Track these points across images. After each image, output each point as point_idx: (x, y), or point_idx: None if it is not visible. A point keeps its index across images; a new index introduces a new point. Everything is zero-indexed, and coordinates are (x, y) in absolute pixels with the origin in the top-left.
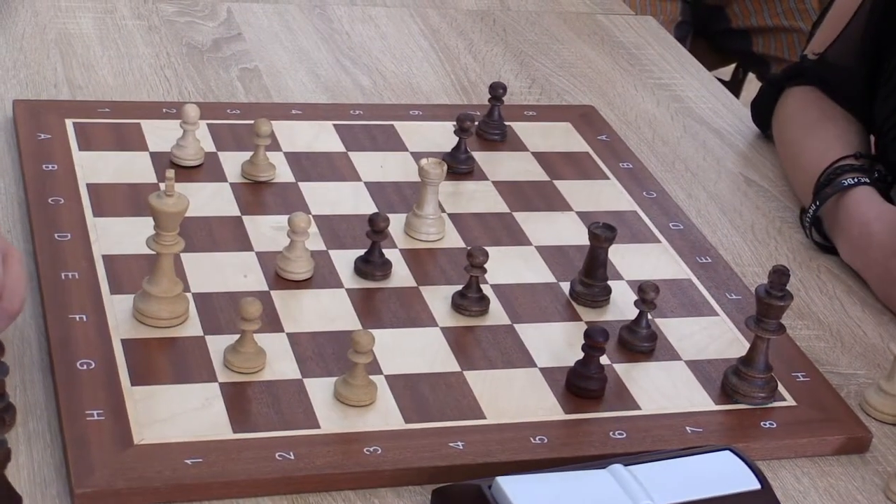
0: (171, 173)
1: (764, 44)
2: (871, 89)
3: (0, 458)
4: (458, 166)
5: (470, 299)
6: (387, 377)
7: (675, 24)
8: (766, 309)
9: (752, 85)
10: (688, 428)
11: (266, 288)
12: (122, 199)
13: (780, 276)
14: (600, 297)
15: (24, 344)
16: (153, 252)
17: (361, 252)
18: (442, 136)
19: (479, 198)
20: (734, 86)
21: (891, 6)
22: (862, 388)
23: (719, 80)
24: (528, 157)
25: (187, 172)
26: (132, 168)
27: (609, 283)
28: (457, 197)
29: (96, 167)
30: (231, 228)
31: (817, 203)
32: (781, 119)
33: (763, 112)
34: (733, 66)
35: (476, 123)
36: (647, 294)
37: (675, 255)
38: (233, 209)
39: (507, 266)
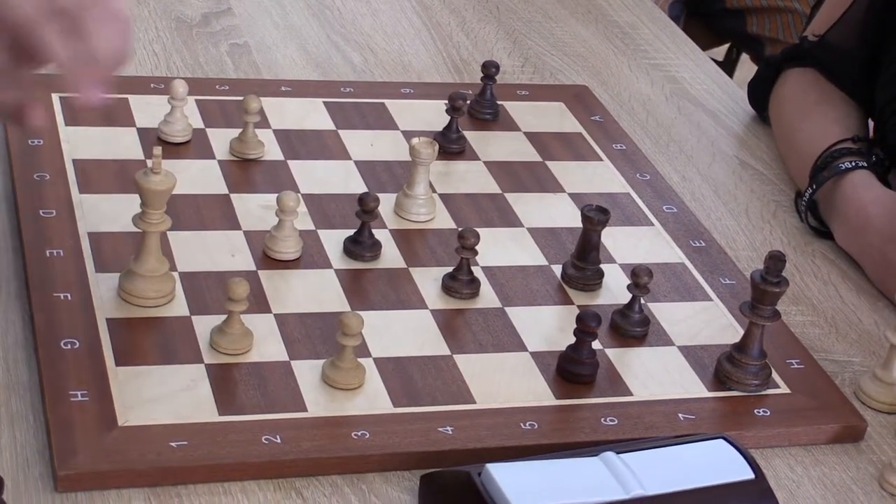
0: (157, 150)
1: (759, 24)
2: (872, 73)
3: None
4: (450, 146)
5: (460, 281)
6: (375, 360)
7: (670, 4)
8: (762, 295)
9: (745, 65)
10: (680, 415)
11: (254, 268)
12: (108, 176)
13: (776, 261)
14: (592, 280)
15: (8, 323)
16: (140, 230)
17: (351, 232)
18: (433, 114)
19: (471, 178)
20: (728, 66)
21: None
22: (857, 375)
23: (713, 59)
24: (520, 137)
25: (175, 149)
26: (119, 144)
27: (601, 266)
28: (448, 177)
29: (82, 143)
30: (219, 207)
31: (813, 186)
32: (779, 101)
33: (760, 94)
34: (727, 46)
35: (468, 102)
36: (640, 278)
37: (668, 238)
38: (220, 187)
39: (498, 248)
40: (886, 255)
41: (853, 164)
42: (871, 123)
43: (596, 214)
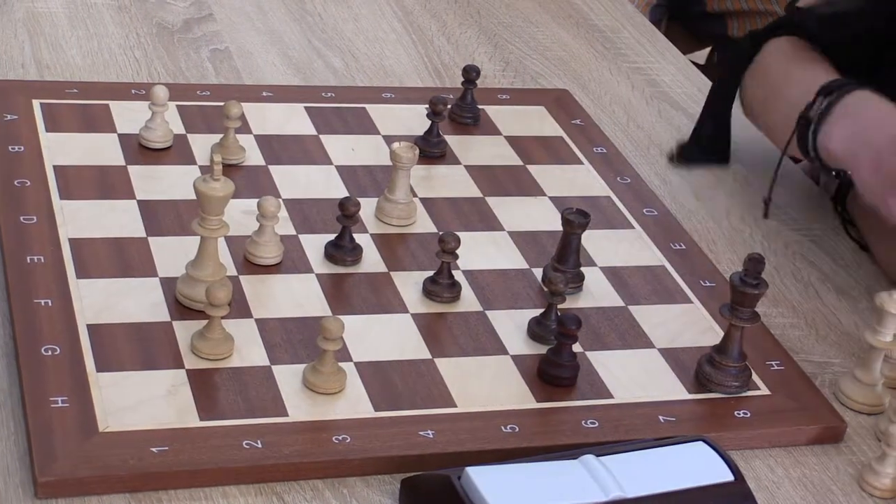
0: (217, 157)
1: (739, 27)
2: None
3: None
4: (431, 150)
5: (441, 285)
6: (356, 364)
7: (651, 8)
8: (741, 297)
9: None
10: (661, 417)
11: (235, 273)
12: (89, 182)
13: (755, 263)
14: (573, 283)
15: None
16: (197, 235)
17: (332, 237)
18: (414, 119)
19: (452, 182)
20: (709, 69)
21: None
22: (836, 376)
23: (694, 63)
24: (501, 142)
25: (155, 155)
26: (100, 150)
27: (582, 269)
28: (429, 181)
29: (63, 149)
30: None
31: (822, 104)
32: (764, 64)
33: (736, 67)
34: (708, 49)
35: (449, 107)
36: (556, 285)
37: (648, 241)
38: None
39: (479, 252)
40: (885, 163)
41: (852, 87)
42: None
43: (576, 218)
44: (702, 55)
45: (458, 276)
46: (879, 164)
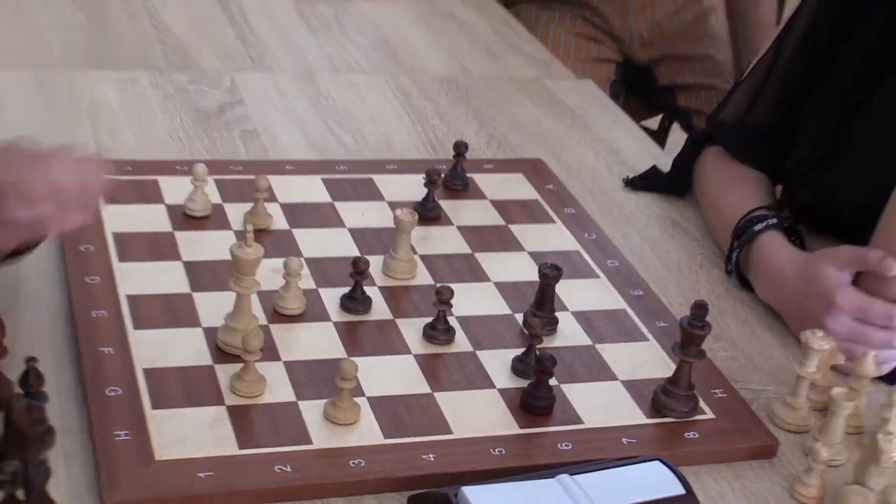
0: (249, 227)
1: (686, 98)
2: (781, 145)
3: (41, 476)
4: (427, 214)
5: (438, 330)
6: (368, 398)
7: (610, 83)
8: (689, 337)
9: (675, 133)
10: (624, 439)
11: (265, 322)
12: (142, 246)
13: (700, 309)
14: (549, 326)
15: (60, 374)
16: (234, 292)
17: (346, 290)
18: (413, 187)
19: (446, 241)
20: (661, 134)
21: (798, 79)
22: (770, 401)
23: (648, 129)
24: (486, 205)
25: (198, 222)
26: (151, 219)
27: (556, 314)
28: (427, 241)
29: (121, 218)
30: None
31: (738, 249)
32: (702, 175)
33: (685, 168)
34: (660, 116)
35: (442, 176)
36: (534, 329)
37: (611, 288)
38: None
39: (469, 300)
40: (803, 309)
41: (766, 223)
42: (779, 187)
43: (551, 271)
44: (655, 122)
45: (453, 321)
46: (797, 312)
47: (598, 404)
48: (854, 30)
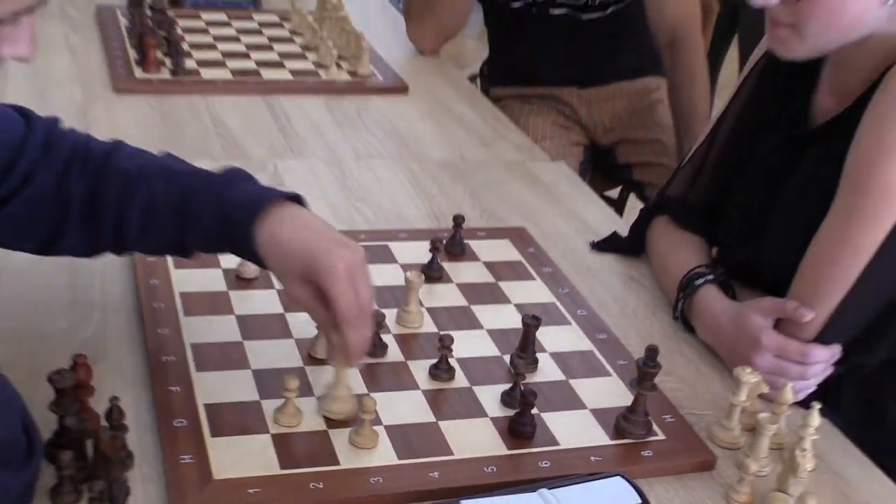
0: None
1: (640, 174)
2: (717, 216)
3: (123, 494)
4: (432, 274)
5: (441, 370)
6: (385, 427)
7: (580, 163)
8: (644, 375)
9: (632, 200)
10: (592, 458)
11: (301, 364)
12: (204, 303)
13: (652, 352)
14: (531, 365)
15: (139, 409)
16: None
17: None
18: (421, 252)
19: (447, 296)
20: (620, 202)
21: (728, 162)
22: (710, 424)
23: (610, 198)
24: (480, 266)
25: (248, 283)
26: (210, 280)
27: (537, 355)
28: (431, 295)
29: (187, 280)
30: (278, 322)
31: (682, 300)
32: (653, 240)
33: (639, 233)
34: (619, 188)
35: (444, 243)
36: (519, 368)
37: (581, 333)
38: (279, 308)
39: (466, 344)
40: (734, 348)
41: (705, 279)
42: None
43: (532, 320)
44: (615, 192)
45: (454, 362)
46: (730, 351)
47: (571, 429)
48: (773, 122)
